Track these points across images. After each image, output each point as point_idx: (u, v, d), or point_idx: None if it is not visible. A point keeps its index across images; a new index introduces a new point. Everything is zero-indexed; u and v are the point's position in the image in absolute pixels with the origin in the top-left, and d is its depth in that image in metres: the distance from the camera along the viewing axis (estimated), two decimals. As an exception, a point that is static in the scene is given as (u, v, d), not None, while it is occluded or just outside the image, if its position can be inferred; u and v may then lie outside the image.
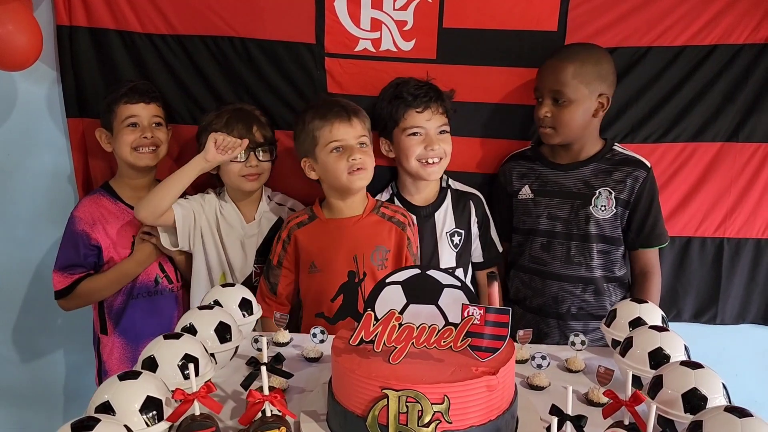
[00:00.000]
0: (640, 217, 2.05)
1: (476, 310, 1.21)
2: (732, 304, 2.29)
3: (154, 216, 1.97)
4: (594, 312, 2.07)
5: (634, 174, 2.03)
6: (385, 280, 1.29)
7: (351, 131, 1.91)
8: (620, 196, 2.03)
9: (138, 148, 2.07)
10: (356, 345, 1.21)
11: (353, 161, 1.89)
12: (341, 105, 1.95)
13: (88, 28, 2.21)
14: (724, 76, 2.13)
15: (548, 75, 1.99)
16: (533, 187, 2.11)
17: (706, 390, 1.20)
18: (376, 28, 2.14)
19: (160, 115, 2.13)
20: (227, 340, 1.49)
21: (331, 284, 1.93)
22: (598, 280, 2.07)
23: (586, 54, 1.98)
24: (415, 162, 2.05)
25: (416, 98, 2.02)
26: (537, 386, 1.46)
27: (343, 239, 1.95)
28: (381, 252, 1.94)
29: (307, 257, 1.97)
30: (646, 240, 2.07)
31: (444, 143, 2.05)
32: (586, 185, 2.05)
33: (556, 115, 1.99)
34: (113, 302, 2.13)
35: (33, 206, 2.40)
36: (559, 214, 2.07)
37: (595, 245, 2.05)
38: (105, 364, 2.19)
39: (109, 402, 1.13)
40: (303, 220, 2.01)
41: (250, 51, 2.19)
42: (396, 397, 1.11)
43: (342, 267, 1.93)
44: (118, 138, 2.08)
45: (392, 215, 2.00)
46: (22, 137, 2.33)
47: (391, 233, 1.97)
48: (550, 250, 2.08)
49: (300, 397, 1.41)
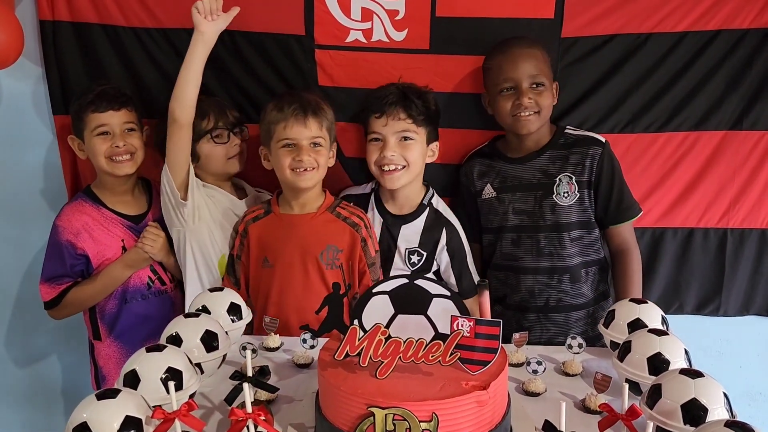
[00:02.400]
0: (605, 194, 2.00)
1: (466, 322, 1.16)
2: (736, 295, 2.25)
3: (187, 106, 1.88)
4: (573, 302, 2.04)
5: (590, 152, 1.99)
6: (372, 290, 1.25)
7: (304, 131, 1.88)
8: (581, 179, 1.99)
9: (112, 157, 2.00)
10: (341, 359, 1.17)
11: (298, 162, 1.87)
12: (302, 102, 1.90)
13: (71, 23, 2.16)
14: (727, 62, 2.08)
15: (524, 63, 1.93)
16: (494, 185, 2.07)
17: (707, 400, 1.16)
18: (367, 18, 2.08)
19: (132, 120, 2.04)
20: (214, 348, 1.46)
21: (283, 279, 1.92)
22: (574, 268, 2.03)
23: (540, 44, 1.99)
24: (375, 168, 1.99)
25: (375, 103, 1.96)
26: (532, 392, 1.42)
27: (294, 235, 1.93)
28: (331, 251, 1.91)
29: (260, 252, 1.95)
30: (614, 216, 2.03)
31: (405, 150, 1.95)
32: (545, 174, 2.02)
33: (536, 101, 1.94)
34: (105, 307, 2.09)
35: (23, 204, 2.37)
36: (524, 208, 2.03)
37: (567, 233, 2.01)
38: (102, 369, 2.16)
39: (86, 423, 1.10)
40: (258, 214, 2.00)
41: (238, 44, 2.14)
42: (382, 416, 1.08)
43: (293, 263, 1.91)
44: (91, 148, 2.01)
45: (348, 216, 1.95)
46: (8, 135, 2.30)
47: (344, 233, 1.93)
48: (520, 245, 2.04)
49: (288, 407, 1.38)
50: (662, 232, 2.21)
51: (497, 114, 2.02)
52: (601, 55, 2.10)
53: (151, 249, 2.03)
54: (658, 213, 2.19)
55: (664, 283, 2.25)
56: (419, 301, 1.24)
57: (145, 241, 2.03)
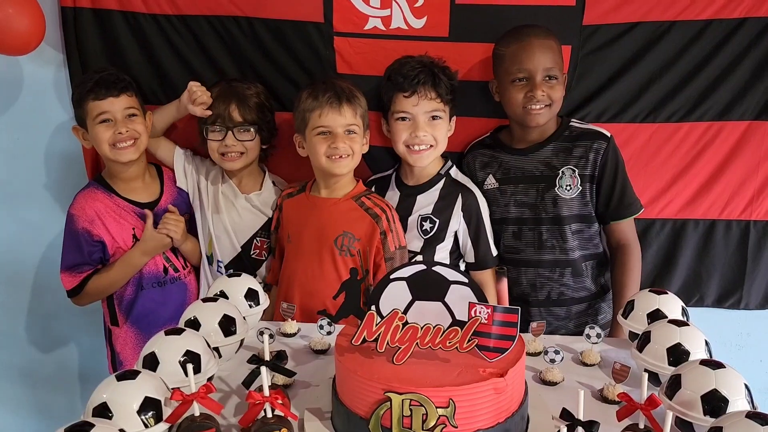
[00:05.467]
0: (607, 189, 1.99)
1: (483, 309, 1.16)
2: (757, 288, 2.22)
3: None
4: (574, 295, 2.04)
5: (595, 146, 1.97)
6: (389, 276, 1.24)
7: (339, 119, 1.90)
8: (584, 172, 1.97)
9: (115, 144, 2.00)
10: (359, 345, 1.17)
11: (334, 149, 1.90)
12: (336, 90, 1.92)
13: (91, 9, 2.17)
14: (752, 50, 2.04)
15: (541, 54, 1.91)
16: (497, 176, 2.06)
17: (727, 391, 1.15)
18: (387, 6, 2.07)
19: (133, 105, 2.03)
20: (232, 333, 1.47)
21: (298, 257, 1.98)
22: (575, 261, 2.02)
23: (552, 34, 1.96)
24: (402, 147, 2.00)
25: (404, 82, 1.95)
26: (550, 381, 1.41)
27: (314, 217, 1.97)
28: (347, 238, 1.93)
29: (287, 227, 2.04)
30: (616, 212, 2.01)
31: (434, 129, 1.97)
32: (548, 167, 2.00)
33: (549, 94, 1.93)
34: (123, 294, 2.12)
35: (44, 190, 2.40)
36: (526, 200, 2.02)
37: (568, 226, 2.00)
38: (119, 354, 2.18)
39: (106, 403, 1.11)
40: (293, 191, 2.08)
41: (257, 31, 2.14)
42: (399, 401, 1.08)
43: (309, 242, 1.96)
44: (94, 136, 2.01)
45: (370, 207, 1.97)
46: (30, 120, 2.33)
47: (363, 223, 1.94)
48: (521, 238, 2.03)
49: (305, 392, 1.38)
50: (683, 223, 2.18)
51: (507, 103, 2.00)
52: (623, 43, 2.06)
53: (175, 234, 2.06)
54: (679, 204, 2.17)
55: (684, 275, 2.22)
56: (437, 287, 1.24)
57: (169, 227, 2.06)
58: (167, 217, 2.07)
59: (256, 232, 2.14)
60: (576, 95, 2.08)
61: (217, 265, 2.13)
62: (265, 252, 2.14)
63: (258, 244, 2.14)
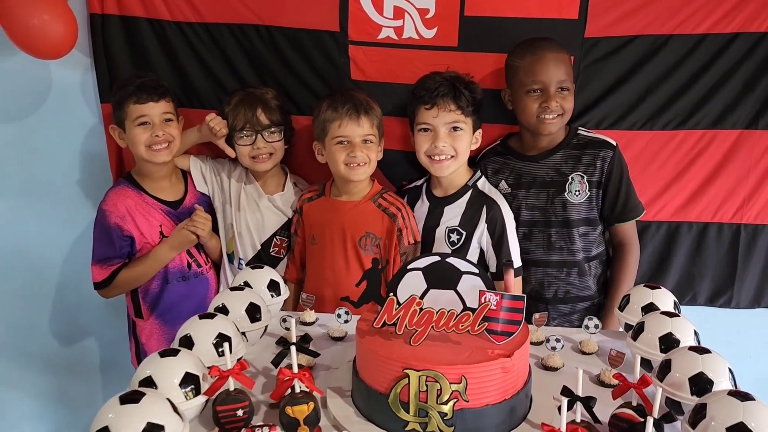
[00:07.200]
0: (613, 194, 2.10)
1: (493, 296, 1.27)
2: (748, 288, 2.32)
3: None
4: (579, 294, 2.15)
5: (602, 155, 2.08)
6: (406, 266, 1.36)
7: (358, 129, 2.02)
8: (592, 179, 2.08)
9: (151, 146, 2.11)
10: (379, 328, 1.29)
11: (352, 158, 2.02)
12: (354, 102, 2.03)
13: (119, 16, 2.27)
14: (745, 64, 2.14)
15: (554, 67, 2.00)
16: (509, 181, 2.16)
17: (713, 374, 1.25)
18: (399, 16, 2.18)
19: (170, 110, 2.15)
20: (257, 319, 1.58)
21: (325, 257, 2.10)
22: (581, 262, 2.13)
23: (562, 47, 2.05)
24: (424, 157, 2.08)
25: (426, 95, 2.03)
26: (551, 367, 1.53)
27: (337, 219, 2.09)
28: (370, 238, 2.06)
29: (310, 230, 2.15)
30: (620, 215, 2.13)
31: (455, 141, 2.04)
32: (558, 173, 2.10)
33: (561, 104, 2.02)
34: (148, 288, 2.22)
35: (71, 188, 2.49)
36: (537, 204, 2.12)
37: (576, 229, 2.10)
38: (144, 345, 2.28)
39: (151, 377, 1.22)
40: (312, 195, 2.19)
41: (276, 39, 2.25)
42: (417, 377, 1.19)
43: (335, 244, 2.08)
44: (131, 137, 2.12)
45: (387, 206, 2.08)
46: (57, 121, 2.42)
47: (382, 222, 2.06)
48: (532, 239, 2.13)
49: (326, 374, 1.50)
50: (678, 226, 2.28)
51: (521, 112, 2.09)
52: (622, 55, 2.17)
53: (202, 232, 2.16)
54: (674, 207, 2.27)
55: (678, 274, 2.33)
56: (450, 277, 1.35)
57: (197, 224, 2.15)
58: (196, 215, 2.16)
59: (277, 231, 2.24)
60: (578, 103, 2.15)
61: (239, 263, 2.23)
62: (283, 250, 2.25)
63: (277, 242, 2.24)
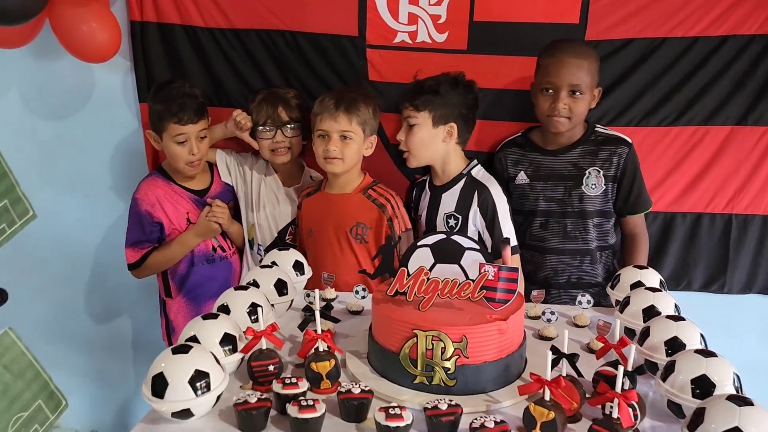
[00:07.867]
0: (626, 188, 2.24)
1: (491, 268, 1.46)
2: (739, 275, 2.46)
3: None
4: (591, 280, 2.30)
5: (618, 151, 2.22)
6: (416, 243, 1.55)
7: (334, 125, 2.15)
8: (608, 173, 2.22)
9: (188, 163, 2.29)
10: (392, 296, 1.48)
11: (326, 150, 2.16)
12: (338, 99, 2.16)
13: (156, 23, 2.47)
14: (734, 64, 2.29)
15: (567, 71, 2.11)
16: (528, 172, 2.29)
17: (686, 339, 1.43)
18: (413, 22, 2.36)
19: (205, 127, 2.31)
20: (284, 294, 1.77)
21: (320, 248, 2.25)
22: (593, 251, 2.28)
23: (592, 53, 2.17)
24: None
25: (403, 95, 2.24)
26: (546, 337, 1.71)
27: (330, 212, 2.24)
28: (360, 228, 2.21)
29: (308, 224, 2.30)
30: (632, 208, 2.27)
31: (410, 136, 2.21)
32: (575, 167, 2.24)
33: (571, 107, 2.14)
34: (176, 269, 2.41)
35: (111, 179, 2.70)
36: (554, 196, 2.26)
37: (590, 220, 2.25)
38: (173, 322, 2.49)
39: (195, 336, 1.42)
40: (311, 191, 2.35)
41: (300, 43, 2.43)
42: (424, 337, 1.38)
43: (329, 235, 2.23)
44: (170, 151, 2.29)
45: (376, 197, 2.22)
46: (100, 120, 2.62)
47: (372, 212, 2.20)
48: (548, 228, 2.28)
49: (345, 340, 1.69)
50: (672, 216, 2.43)
51: (535, 108, 2.24)
52: (620, 57, 2.32)
53: (222, 220, 2.35)
54: (669, 199, 2.41)
55: (673, 262, 2.47)
56: (454, 252, 1.53)
57: (216, 213, 2.34)
58: (214, 207, 2.35)
59: (292, 220, 2.43)
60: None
61: (258, 249, 2.43)
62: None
63: (293, 230, 2.43)
